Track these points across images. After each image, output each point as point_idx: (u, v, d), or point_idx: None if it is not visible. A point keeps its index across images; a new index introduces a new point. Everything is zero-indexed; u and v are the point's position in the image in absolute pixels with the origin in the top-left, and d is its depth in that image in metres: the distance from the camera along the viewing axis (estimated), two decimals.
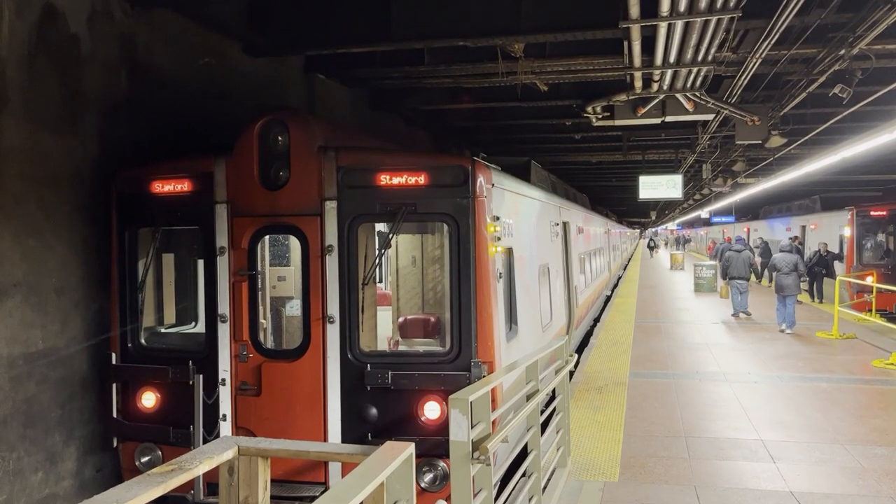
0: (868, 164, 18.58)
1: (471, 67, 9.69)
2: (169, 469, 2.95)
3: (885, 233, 21.11)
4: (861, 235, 21.13)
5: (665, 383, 11.08)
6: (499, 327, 6.24)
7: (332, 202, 5.98)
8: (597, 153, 18.48)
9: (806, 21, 7.59)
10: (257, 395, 6.09)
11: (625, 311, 20.43)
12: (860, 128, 12.01)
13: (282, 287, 7.38)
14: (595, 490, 6.62)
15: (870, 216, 21.06)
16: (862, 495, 6.47)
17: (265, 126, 6.14)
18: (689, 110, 10.30)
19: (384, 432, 5.80)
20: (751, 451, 7.77)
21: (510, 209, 7.32)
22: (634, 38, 7.12)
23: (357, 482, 2.36)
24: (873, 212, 21.02)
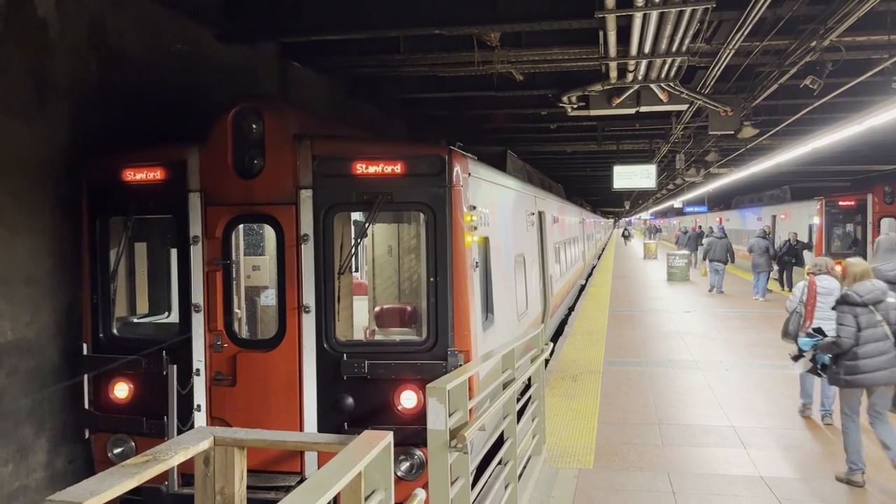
0: (837, 155, 18.87)
1: (447, 56, 9.65)
2: (143, 460, 2.92)
3: (852, 222, 21.47)
4: (830, 225, 21.48)
5: (639, 371, 11.21)
6: (475, 316, 6.25)
7: (308, 191, 5.94)
8: (572, 143, 18.53)
9: (778, 13, 7.66)
10: (232, 385, 6.05)
11: (599, 300, 20.61)
12: (830, 119, 12.18)
13: (256, 276, 7.32)
14: (570, 477, 6.69)
15: (838, 206, 21.41)
16: (830, 479, 6.61)
17: (239, 114, 6.06)
18: (663, 101, 10.36)
19: (361, 422, 5.80)
20: (722, 438, 7.90)
21: (486, 199, 7.33)
22: (610, 28, 7.14)
23: (335, 471, 2.35)
24: (842, 202, 21.37)
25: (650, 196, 42.04)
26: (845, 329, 6.30)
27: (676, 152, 18.33)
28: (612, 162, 18.85)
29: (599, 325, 15.89)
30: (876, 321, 6.28)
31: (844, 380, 6.41)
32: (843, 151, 17.96)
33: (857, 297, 6.37)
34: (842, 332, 6.32)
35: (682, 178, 21.71)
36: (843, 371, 6.39)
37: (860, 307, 6.34)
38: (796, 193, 26.37)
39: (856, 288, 6.46)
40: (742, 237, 32.81)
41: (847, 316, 6.35)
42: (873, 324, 6.28)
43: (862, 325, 6.29)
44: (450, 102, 13.66)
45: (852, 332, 6.28)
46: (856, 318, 6.32)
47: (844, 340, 6.29)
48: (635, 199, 49.66)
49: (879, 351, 6.25)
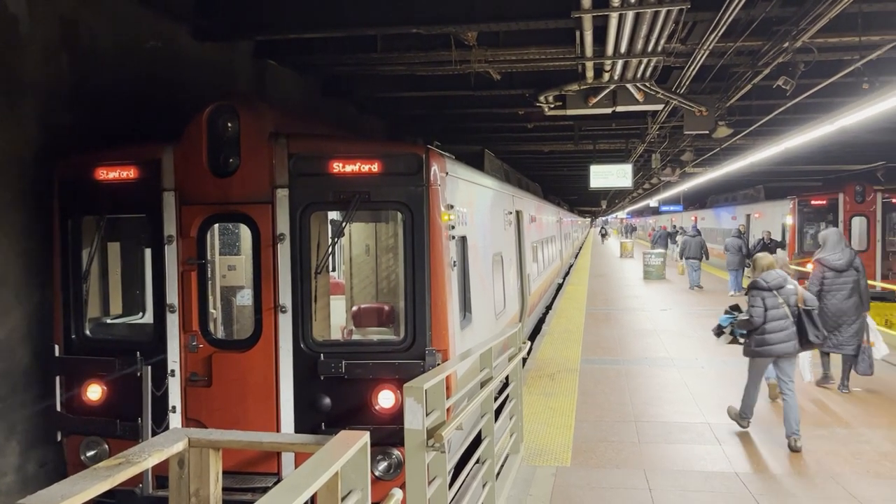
0: (809, 154, 19.16)
1: (424, 55, 9.64)
2: (116, 463, 2.88)
3: (824, 221, 21.78)
4: (802, 224, 21.80)
5: (615, 369, 11.28)
6: (453, 315, 6.25)
7: (284, 190, 5.90)
8: (549, 143, 18.61)
9: (752, 14, 7.76)
10: (208, 385, 5.99)
11: (576, 299, 20.72)
12: (802, 119, 12.35)
13: (232, 276, 7.26)
14: (548, 475, 6.72)
15: (810, 205, 21.74)
16: (802, 474, 6.71)
17: (214, 112, 6.01)
18: (639, 100, 10.44)
19: (338, 422, 5.78)
20: (698, 435, 7.98)
21: (464, 198, 7.33)
22: (586, 28, 7.18)
23: (311, 472, 2.34)
24: (814, 201, 21.70)
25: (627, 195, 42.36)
26: (755, 310, 7.49)
27: (652, 152, 18.49)
28: (588, 161, 18.98)
29: (577, 324, 15.97)
30: (778, 303, 7.49)
31: (755, 350, 7.65)
32: (816, 151, 18.23)
33: (765, 283, 7.57)
34: (753, 312, 7.50)
35: (658, 177, 21.90)
36: (753, 344, 7.62)
37: (766, 291, 7.53)
38: (770, 193, 26.74)
39: (763, 276, 7.64)
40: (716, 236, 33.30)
41: (756, 299, 7.54)
42: (776, 305, 7.48)
43: (768, 306, 7.47)
44: (427, 101, 13.65)
45: (761, 311, 7.46)
46: (763, 301, 7.50)
47: (755, 319, 7.48)
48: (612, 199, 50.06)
49: (781, 328, 7.46)
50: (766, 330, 7.47)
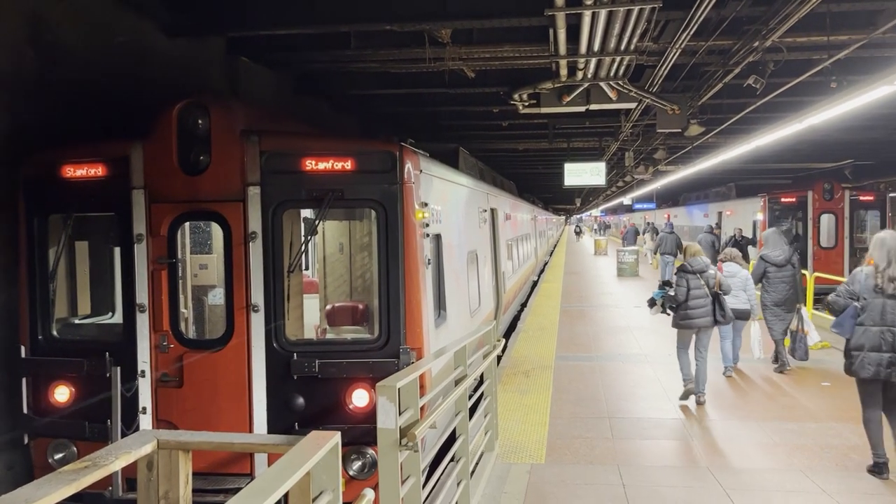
0: (780, 152, 19.41)
1: (398, 52, 9.59)
2: (82, 466, 2.83)
3: (794, 218, 22.13)
4: (773, 221, 22.08)
5: (590, 366, 11.35)
6: (427, 314, 6.24)
7: (256, 188, 5.84)
8: (523, 141, 18.65)
9: (722, 13, 7.82)
10: (179, 386, 5.92)
11: (551, 296, 20.81)
12: (772, 118, 12.49)
13: (204, 275, 7.18)
14: (522, 472, 6.73)
15: (780, 203, 22.04)
16: (774, 469, 6.80)
17: (184, 109, 5.93)
18: (612, 99, 10.49)
19: (312, 421, 5.74)
20: (671, 430, 8.06)
21: (438, 195, 7.32)
22: (560, 25, 7.19)
23: (281, 473, 2.31)
24: (783, 198, 22.01)
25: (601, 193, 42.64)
26: (680, 289, 8.95)
27: (626, 150, 18.60)
28: (563, 159, 19.04)
29: (551, 321, 16.04)
30: (700, 285, 8.93)
31: (679, 323, 9.09)
32: (785, 149, 18.47)
33: (690, 267, 9.06)
34: (678, 291, 8.97)
35: (632, 175, 22.06)
36: (678, 318, 9.06)
37: (691, 274, 8.99)
38: (741, 190, 27.06)
39: (689, 261, 9.15)
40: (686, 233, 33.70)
41: (682, 279, 9.01)
42: (698, 286, 8.92)
43: (691, 286, 8.91)
44: (402, 99, 13.59)
45: (684, 291, 8.91)
46: (687, 282, 8.94)
47: (679, 297, 8.94)
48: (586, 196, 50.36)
49: (700, 305, 8.90)
50: (689, 306, 8.91)
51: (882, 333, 6.23)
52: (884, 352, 6.22)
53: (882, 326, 6.24)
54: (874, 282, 6.33)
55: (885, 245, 6.39)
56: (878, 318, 6.27)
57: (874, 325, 6.27)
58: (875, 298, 6.31)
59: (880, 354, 6.23)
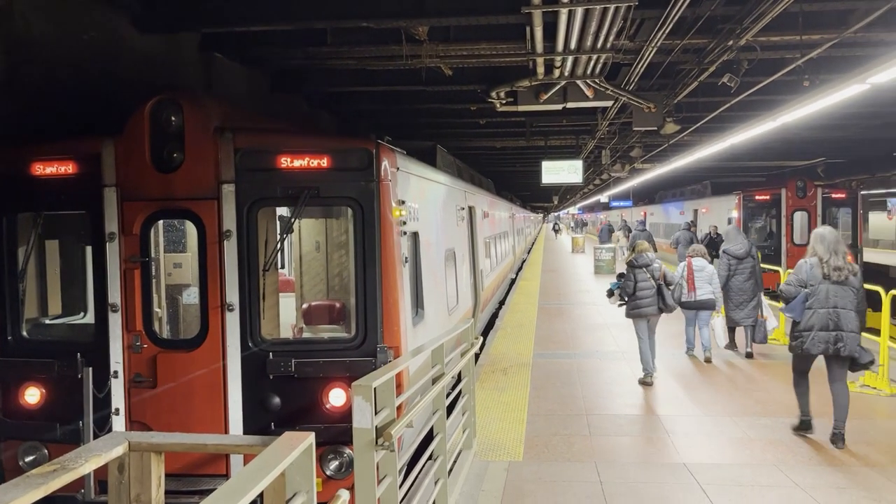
0: (754, 150, 19.62)
1: (375, 49, 9.55)
2: (51, 469, 2.77)
3: (768, 216, 22.37)
4: (747, 218, 22.33)
5: (567, 363, 11.39)
6: (405, 312, 6.21)
7: (230, 185, 5.78)
8: (501, 139, 18.67)
9: (697, 12, 7.88)
10: (153, 387, 5.84)
11: (529, 294, 20.87)
12: (746, 116, 12.62)
13: (178, 274, 7.10)
14: (500, 470, 6.74)
15: (755, 200, 22.27)
16: (748, 464, 6.87)
17: (157, 106, 5.86)
18: (589, 97, 10.53)
19: (288, 421, 5.69)
20: (648, 426, 8.10)
21: (416, 193, 7.29)
22: (536, 23, 7.20)
23: (255, 474, 2.27)
24: (758, 196, 22.24)
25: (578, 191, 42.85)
26: (628, 283, 9.97)
27: (602, 148, 18.71)
28: (540, 157, 19.10)
29: (529, 319, 16.08)
30: (646, 278, 9.89)
31: (631, 313, 10.08)
32: (759, 147, 18.68)
33: (636, 262, 10.01)
34: (626, 284, 9.99)
35: (608, 173, 22.18)
36: (629, 308, 10.07)
37: (638, 269, 9.95)
38: (716, 188, 27.31)
39: (636, 257, 10.08)
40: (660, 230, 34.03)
41: (630, 274, 10.02)
42: (645, 279, 9.90)
43: (638, 279, 9.89)
44: (379, 96, 13.54)
45: (632, 284, 9.92)
46: (634, 275, 9.93)
47: (628, 289, 9.96)
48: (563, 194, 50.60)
49: (647, 296, 9.89)
50: (637, 297, 9.91)
51: (829, 314, 7.14)
52: (830, 330, 7.12)
53: (828, 308, 7.14)
54: (820, 271, 7.22)
55: (825, 240, 7.36)
56: (824, 302, 7.16)
57: (822, 308, 7.16)
58: (821, 285, 7.20)
59: (828, 333, 7.13)
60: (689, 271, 11.16)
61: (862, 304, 7.27)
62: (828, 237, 7.39)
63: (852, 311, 7.15)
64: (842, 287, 7.16)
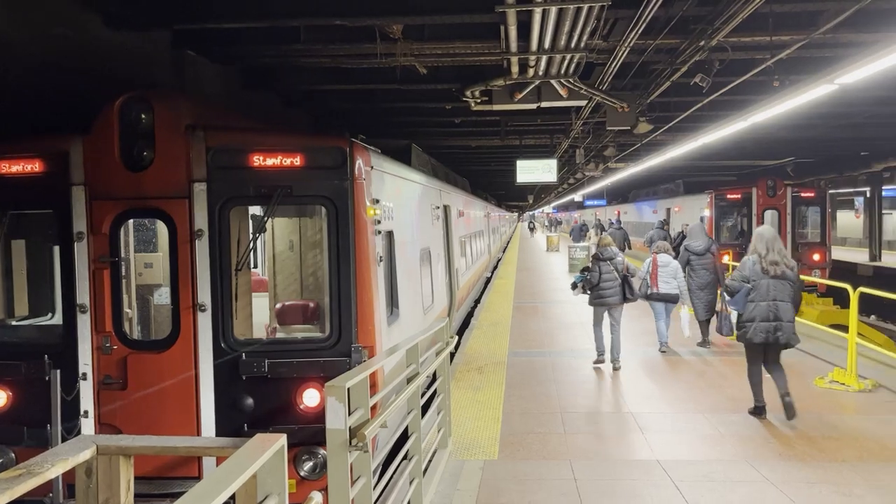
0: (725, 150, 19.83)
1: (349, 48, 9.48)
2: (16, 474, 2.71)
3: (739, 214, 22.67)
4: (719, 217, 22.60)
5: (542, 361, 11.44)
6: (379, 311, 6.19)
7: (202, 184, 5.72)
8: (476, 138, 18.67)
9: (670, 12, 7.94)
10: (123, 388, 5.76)
11: (504, 293, 20.92)
12: (718, 116, 12.76)
13: (149, 274, 7.01)
14: (475, 469, 6.74)
15: (726, 199, 22.55)
16: (720, 460, 6.94)
17: (126, 103, 5.78)
18: (563, 96, 10.56)
19: (261, 423, 5.65)
20: (621, 424, 8.16)
21: (390, 192, 7.27)
22: (510, 22, 7.20)
23: (226, 476, 2.24)
24: (729, 195, 22.52)
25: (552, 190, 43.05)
26: (593, 274, 10.70)
27: (576, 147, 18.80)
28: (515, 156, 19.12)
29: (504, 317, 16.12)
30: (610, 270, 10.61)
31: (594, 301, 10.79)
32: (731, 147, 18.90)
33: (601, 255, 10.75)
34: (591, 276, 10.72)
35: (582, 172, 22.30)
36: (593, 298, 10.77)
37: (602, 261, 10.67)
38: (689, 187, 27.61)
39: (600, 250, 10.86)
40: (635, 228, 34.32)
41: (595, 266, 10.75)
42: (609, 271, 10.61)
43: (602, 271, 10.62)
44: (354, 95, 13.47)
45: (597, 275, 10.63)
46: (599, 267, 10.67)
47: (593, 280, 10.67)
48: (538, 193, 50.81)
49: (610, 286, 10.59)
50: (601, 288, 10.62)
51: (769, 307, 7.76)
52: (770, 321, 7.75)
53: (768, 301, 7.77)
54: (760, 266, 7.82)
55: (764, 238, 8.01)
56: (765, 295, 7.78)
57: (763, 301, 7.78)
58: (761, 280, 7.81)
59: (768, 323, 7.76)
60: (653, 267, 11.82)
61: (798, 296, 7.94)
62: (766, 235, 8.03)
63: (789, 303, 7.79)
64: (780, 281, 7.77)
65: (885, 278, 26.04)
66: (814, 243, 21.85)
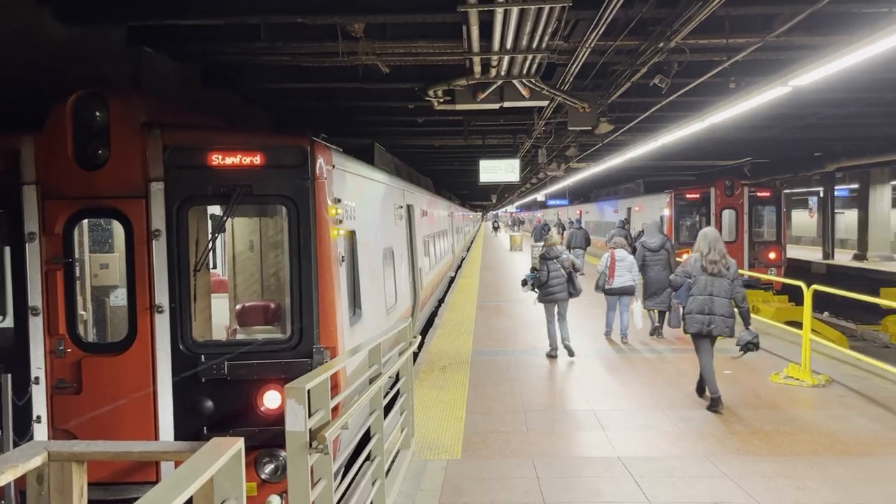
0: (684, 150, 20.13)
1: (310, 46, 9.39)
2: None
3: (698, 213, 23.03)
4: (678, 216, 22.94)
5: (505, 360, 11.49)
6: (342, 312, 6.15)
7: (159, 183, 5.62)
8: (439, 137, 18.66)
9: (630, 14, 8.02)
10: (77, 393, 5.63)
11: (468, 292, 20.96)
12: (676, 117, 12.95)
13: (105, 275, 6.86)
14: (438, 469, 6.73)
15: (685, 199, 22.88)
16: (679, 456, 7.05)
17: (80, 100, 5.64)
18: (525, 96, 10.60)
19: (221, 426, 5.57)
20: (583, 421, 8.23)
21: (353, 192, 7.22)
22: (472, 22, 7.21)
23: (181, 481, 2.20)
24: (688, 195, 22.86)
25: (515, 190, 43.29)
26: (542, 272, 11.52)
27: (539, 147, 18.92)
28: (478, 156, 19.17)
29: (468, 316, 16.15)
30: (557, 267, 11.45)
31: (544, 299, 11.60)
32: (689, 147, 19.19)
33: (548, 254, 11.57)
34: (540, 274, 11.54)
35: (545, 172, 22.46)
36: (542, 295, 11.59)
37: (550, 260, 11.50)
38: (649, 187, 27.98)
39: (547, 250, 11.67)
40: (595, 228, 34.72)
41: (544, 265, 11.55)
42: (556, 269, 11.46)
43: (550, 269, 11.46)
44: (316, 93, 13.34)
45: (545, 273, 11.47)
46: (547, 265, 11.49)
47: (542, 278, 11.51)
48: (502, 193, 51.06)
49: (558, 283, 11.44)
50: (550, 285, 11.45)
51: (705, 301, 8.42)
52: (705, 314, 8.40)
53: (706, 296, 8.42)
54: (701, 264, 8.49)
55: (706, 238, 8.65)
56: (703, 290, 8.45)
57: (701, 295, 8.45)
58: (701, 276, 8.48)
59: (703, 316, 8.41)
60: (611, 261, 12.66)
61: (738, 292, 8.52)
62: (709, 236, 8.69)
63: (725, 299, 8.42)
64: (717, 278, 8.42)
65: (837, 276, 26.75)
66: (770, 242, 22.29)
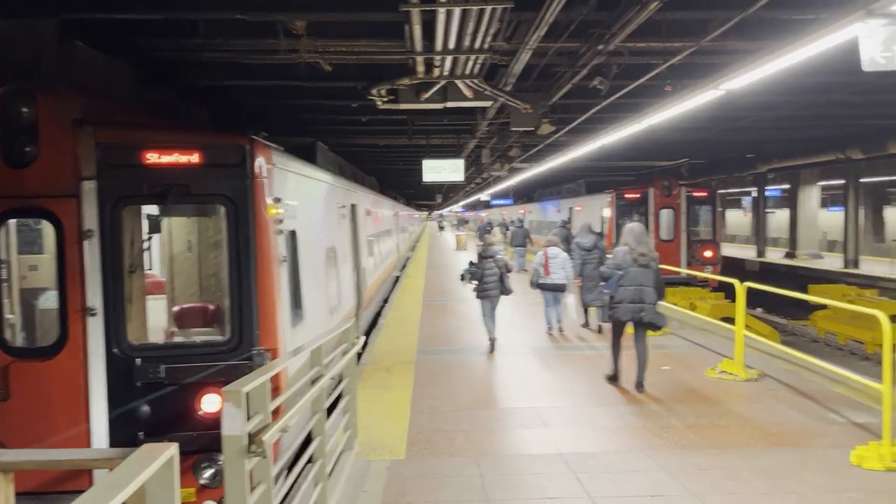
0: (624, 151, 20.52)
1: (251, 43, 9.25)
2: None
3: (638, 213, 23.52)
4: (619, 215, 23.39)
5: (450, 359, 11.53)
6: (282, 313, 6.08)
7: (91, 182, 5.46)
8: (384, 136, 18.59)
9: (570, 16, 8.13)
10: (4, 399, 5.42)
11: (413, 291, 20.96)
12: (616, 118, 13.20)
13: (34, 277, 6.62)
14: (381, 469, 6.71)
15: (625, 199, 23.36)
16: (618, 451, 7.19)
17: (6, 95, 5.44)
18: (468, 97, 10.65)
19: (159, 431, 5.44)
20: (526, 419, 8.32)
21: (294, 191, 7.14)
22: (415, 22, 7.21)
23: (109, 490, 2.13)
24: (628, 195, 23.34)
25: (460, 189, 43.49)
26: (477, 270, 12.21)
27: (483, 147, 19.04)
28: (422, 156, 19.18)
29: (413, 316, 16.15)
30: (492, 266, 12.11)
31: (480, 295, 12.26)
32: (629, 148, 19.59)
33: (485, 253, 12.27)
34: (475, 272, 12.27)
35: (489, 172, 22.61)
36: (479, 291, 12.24)
37: (486, 259, 12.17)
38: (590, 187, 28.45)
39: (484, 249, 12.42)
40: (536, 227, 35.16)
41: (481, 262, 12.21)
42: (490, 267, 12.09)
43: (485, 267, 12.13)
44: (257, 91, 13.13)
45: (480, 271, 12.15)
46: (484, 264, 12.13)
47: (476, 276, 12.24)
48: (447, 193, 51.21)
49: (492, 281, 12.10)
50: (484, 282, 12.10)
51: (635, 291, 9.08)
52: (636, 303, 9.09)
53: (635, 286, 9.08)
54: (630, 256, 9.12)
55: (633, 232, 9.35)
56: (632, 281, 9.08)
57: (630, 286, 9.09)
58: (630, 268, 9.12)
59: (634, 304, 9.10)
60: (545, 259, 13.35)
61: (660, 283, 9.27)
62: (636, 231, 9.37)
63: (652, 288, 9.10)
64: (645, 270, 9.11)
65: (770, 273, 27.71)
66: (706, 241, 22.93)
